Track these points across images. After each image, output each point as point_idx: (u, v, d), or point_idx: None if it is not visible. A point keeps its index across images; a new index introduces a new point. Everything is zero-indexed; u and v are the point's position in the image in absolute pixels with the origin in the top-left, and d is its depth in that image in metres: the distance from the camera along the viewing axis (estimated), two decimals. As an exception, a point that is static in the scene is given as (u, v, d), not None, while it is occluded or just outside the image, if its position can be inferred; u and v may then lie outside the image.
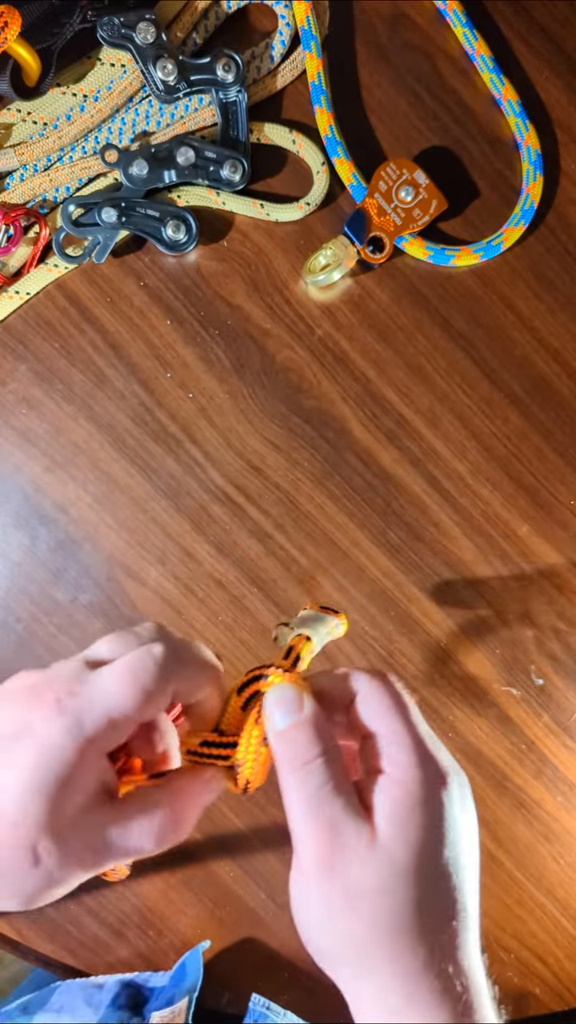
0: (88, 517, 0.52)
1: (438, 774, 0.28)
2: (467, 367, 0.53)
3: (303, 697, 0.29)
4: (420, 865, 0.27)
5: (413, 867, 0.27)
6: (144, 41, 0.49)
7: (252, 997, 0.49)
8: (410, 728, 0.29)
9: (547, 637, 0.53)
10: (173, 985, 0.48)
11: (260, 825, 0.52)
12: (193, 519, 0.52)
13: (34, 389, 0.52)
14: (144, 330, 0.52)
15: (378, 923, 0.26)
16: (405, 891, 0.26)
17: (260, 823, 0.52)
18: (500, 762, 0.53)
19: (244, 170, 0.51)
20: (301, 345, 0.53)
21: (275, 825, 0.52)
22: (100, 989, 0.49)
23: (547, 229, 0.54)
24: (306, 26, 0.52)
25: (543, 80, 0.54)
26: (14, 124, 0.51)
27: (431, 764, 0.29)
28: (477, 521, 0.53)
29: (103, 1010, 0.47)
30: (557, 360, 0.53)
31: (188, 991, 0.46)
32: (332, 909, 0.27)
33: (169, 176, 0.51)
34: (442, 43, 0.54)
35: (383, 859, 0.27)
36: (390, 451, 0.53)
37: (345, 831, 0.27)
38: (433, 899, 0.27)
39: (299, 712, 0.29)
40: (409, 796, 0.28)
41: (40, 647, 0.52)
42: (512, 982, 0.53)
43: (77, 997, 0.48)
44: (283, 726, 0.29)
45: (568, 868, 0.53)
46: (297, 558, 0.52)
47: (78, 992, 0.49)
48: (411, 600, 0.53)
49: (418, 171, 0.51)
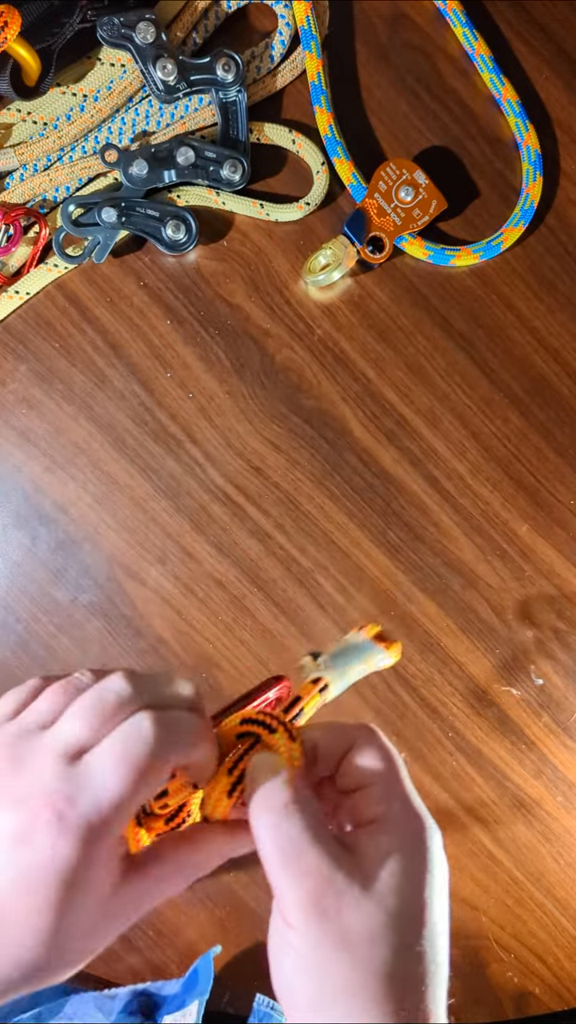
0: (88, 517, 0.52)
1: (424, 828, 0.29)
2: (467, 367, 0.53)
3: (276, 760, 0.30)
4: (409, 914, 0.27)
5: (403, 915, 0.27)
6: (144, 41, 0.49)
7: (256, 997, 0.49)
8: (402, 784, 0.30)
9: (547, 637, 0.53)
10: (185, 991, 0.48)
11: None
12: (193, 519, 0.52)
13: (34, 389, 0.52)
14: (144, 330, 0.52)
15: (368, 970, 0.26)
16: (395, 938, 0.27)
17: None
18: (500, 762, 0.53)
19: (244, 170, 0.51)
20: (301, 345, 0.53)
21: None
22: (112, 999, 0.49)
23: (547, 229, 0.54)
24: (306, 26, 0.52)
25: (543, 80, 0.54)
26: (14, 124, 0.51)
27: (419, 818, 0.29)
28: (477, 521, 0.53)
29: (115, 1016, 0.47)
30: (557, 360, 0.53)
31: (199, 995, 0.46)
32: (321, 953, 0.27)
33: (169, 176, 0.51)
34: (442, 43, 0.54)
35: (376, 905, 0.27)
36: (390, 451, 0.53)
37: (334, 876, 0.27)
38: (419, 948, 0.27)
39: (274, 772, 0.29)
40: (400, 847, 0.28)
41: (40, 647, 0.52)
42: (512, 982, 0.53)
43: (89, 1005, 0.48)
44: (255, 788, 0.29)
45: (568, 868, 0.53)
46: (297, 558, 0.52)
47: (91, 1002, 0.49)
48: (411, 600, 0.53)
49: (418, 171, 0.51)
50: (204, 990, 0.46)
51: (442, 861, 0.29)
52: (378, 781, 0.30)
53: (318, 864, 0.27)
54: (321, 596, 0.52)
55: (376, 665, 0.35)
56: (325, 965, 0.27)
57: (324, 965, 0.27)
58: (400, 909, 0.27)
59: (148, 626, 0.52)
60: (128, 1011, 0.47)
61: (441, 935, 0.28)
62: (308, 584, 0.52)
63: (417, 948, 0.27)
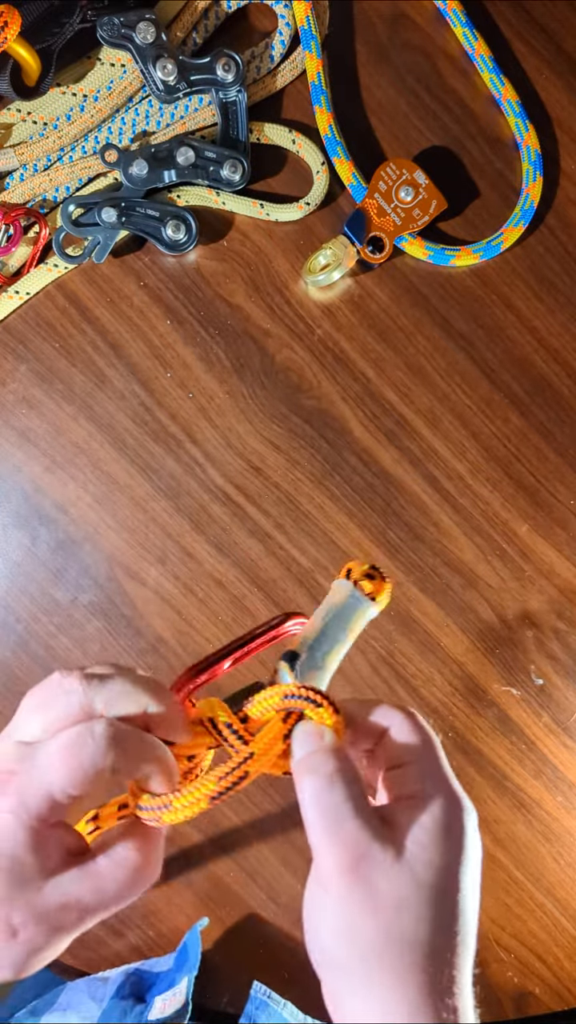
0: (88, 517, 0.52)
1: (462, 807, 0.30)
2: (467, 367, 0.53)
3: (324, 732, 0.31)
4: (440, 887, 0.28)
5: (434, 888, 0.28)
6: (144, 41, 0.49)
7: (253, 985, 0.49)
8: (440, 764, 0.31)
9: (547, 637, 0.53)
10: (176, 968, 0.48)
11: (260, 825, 0.52)
12: (193, 519, 0.52)
13: (34, 389, 0.52)
14: (144, 330, 0.52)
15: (393, 935, 0.27)
16: (423, 909, 0.28)
17: (261, 823, 0.52)
18: (500, 762, 0.53)
19: (244, 170, 0.51)
20: (301, 345, 0.53)
21: (275, 826, 0.52)
22: (105, 983, 0.49)
23: (547, 229, 0.54)
24: (306, 26, 0.52)
25: (543, 80, 0.54)
26: (14, 124, 0.51)
27: (456, 798, 0.30)
28: (477, 521, 0.53)
29: (107, 1001, 0.47)
30: (557, 360, 0.53)
31: (188, 971, 0.46)
32: (352, 916, 0.28)
33: (169, 176, 0.51)
34: (442, 43, 0.54)
35: (407, 875, 0.28)
36: (390, 451, 0.53)
37: (371, 845, 0.28)
38: (446, 921, 0.28)
39: (320, 742, 0.31)
40: (436, 823, 0.29)
41: (40, 647, 0.52)
42: (512, 982, 0.53)
43: (82, 993, 0.49)
44: (302, 754, 0.30)
45: (568, 868, 0.53)
46: (297, 558, 0.52)
47: (83, 988, 0.49)
48: (411, 600, 0.53)
49: (418, 171, 0.51)
50: (193, 966, 0.47)
51: (476, 842, 0.30)
52: (417, 759, 0.31)
53: (356, 833, 0.28)
54: (321, 596, 0.52)
55: (365, 622, 0.35)
56: (356, 928, 0.28)
57: (355, 928, 0.28)
58: (431, 882, 0.28)
59: (148, 626, 0.52)
60: (120, 995, 0.48)
61: (471, 912, 0.29)
62: (308, 584, 0.52)
63: (445, 921, 0.28)
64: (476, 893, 0.30)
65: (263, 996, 0.49)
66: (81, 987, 0.49)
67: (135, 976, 0.49)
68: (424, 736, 0.32)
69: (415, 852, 0.29)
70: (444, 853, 0.29)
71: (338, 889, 0.28)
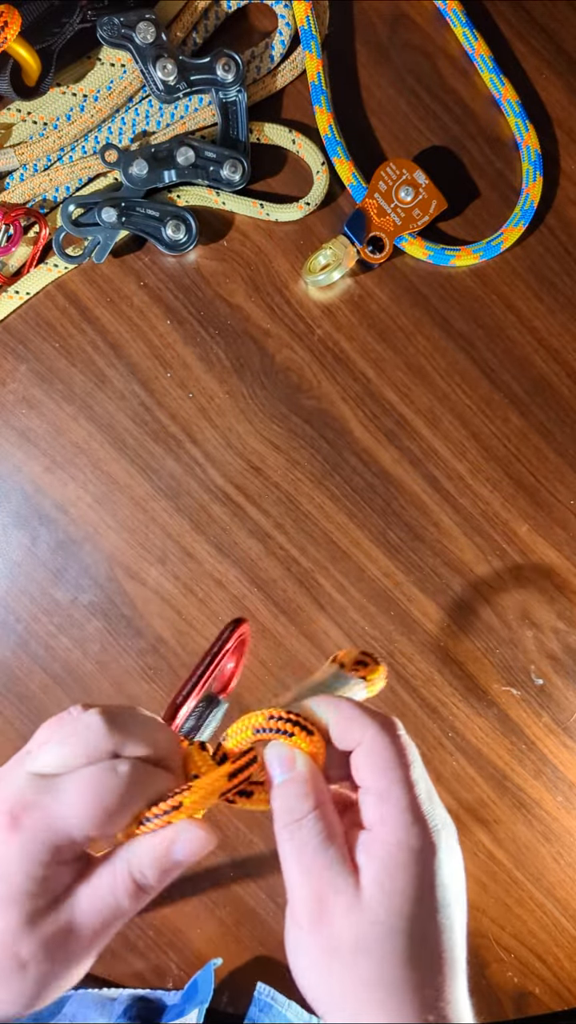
0: (88, 517, 0.52)
1: (426, 838, 0.28)
2: (467, 367, 0.53)
3: (296, 756, 0.30)
4: (402, 927, 0.27)
5: (396, 928, 0.27)
6: (144, 41, 0.49)
7: (257, 986, 0.49)
8: (405, 789, 0.29)
9: (547, 637, 0.53)
10: (184, 1001, 0.48)
11: (260, 825, 0.52)
12: (193, 519, 0.52)
13: (34, 389, 0.52)
14: (144, 330, 0.52)
15: (361, 978, 0.27)
16: (386, 950, 0.27)
17: (260, 823, 0.52)
18: (500, 762, 0.53)
19: (244, 170, 0.51)
20: (301, 345, 0.53)
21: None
22: (113, 1002, 0.49)
23: (547, 229, 0.54)
24: (306, 26, 0.52)
25: (543, 80, 0.54)
26: (14, 124, 0.51)
27: (420, 828, 0.28)
28: (477, 521, 0.53)
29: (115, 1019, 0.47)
30: (557, 360, 0.53)
31: (199, 1003, 0.46)
32: (320, 959, 0.27)
33: (169, 176, 0.51)
34: (442, 43, 0.54)
35: (365, 917, 0.27)
36: (390, 451, 0.53)
37: (332, 885, 0.27)
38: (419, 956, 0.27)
39: (292, 770, 0.29)
40: (393, 859, 0.28)
41: (40, 647, 0.52)
42: (512, 982, 0.53)
43: (89, 1007, 0.48)
44: (279, 781, 0.29)
45: (568, 868, 0.53)
46: (297, 558, 0.52)
47: (91, 1003, 0.49)
48: (411, 600, 0.53)
49: (418, 171, 0.51)
50: (205, 999, 0.46)
51: (452, 862, 0.29)
52: (373, 786, 0.29)
53: (320, 872, 0.28)
54: (321, 596, 0.52)
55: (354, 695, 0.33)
56: (328, 966, 0.27)
57: (328, 966, 0.27)
58: (391, 923, 0.27)
59: (148, 626, 0.52)
60: (128, 1016, 0.47)
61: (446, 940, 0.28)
62: (308, 584, 0.52)
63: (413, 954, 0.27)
64: (453, 918, 0.28)
65: (267, 998, 0.49)
66: (88, 1000, 0.49)
67: (143, 1001, 0.49)
68: (393, 756, 0.29)
69: (373, 892, 0.27)
70: (406, 890, 0.27)
71: (308, 927, 0.28)
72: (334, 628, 0.52)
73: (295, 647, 0.52)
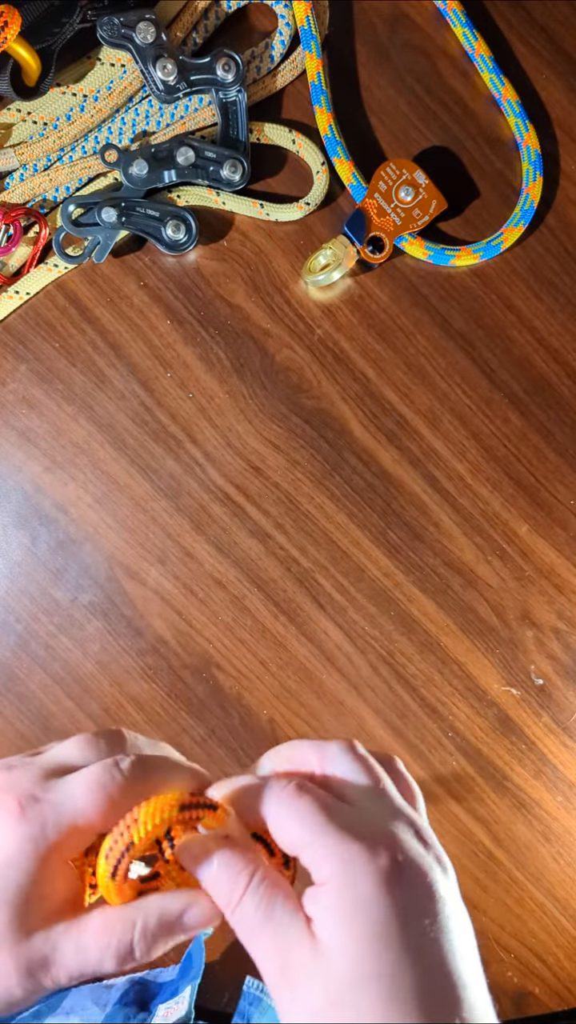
0: (88, 517, 0.52)
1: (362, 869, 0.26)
2: (467, 367, 0.53)
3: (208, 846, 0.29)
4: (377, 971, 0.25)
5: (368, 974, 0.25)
6: (144, 41, 0.49)
7: (246, 980, 0.48)
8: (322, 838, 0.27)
9: (547, 637, 0.53)
10: (180, 976, 0.48)
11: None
12: (193, 519, 0.52)
13: (34, 389, 0.52)
14: (144, 330, 0.52)
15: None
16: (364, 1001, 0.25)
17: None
18: (500, 762, 0.53)
19: (244, 170, 0.51)
20: (301, 345, 0.53)
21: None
22: (109, 989, 0.49)
23: (547, 229, 0.54)
24: (306, 26, 0.52)
25: (543, 80, 0.54)
26: (14, 124, 0.51)
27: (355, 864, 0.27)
28: (477, 521, 0.53)
29: (110, 1007, 0.47)
30: (557, 360, 0.54)
31: (192, 980, 0.46)
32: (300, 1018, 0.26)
33: (169, 176, 0.51)
34: (442, 43, 0.54)
35: (330, 972, 0.26)
36: (390, 451, 0.53)
37: (290, 948, 0.26)
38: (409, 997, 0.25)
39: (211, 863, 0.28)
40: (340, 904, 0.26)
41: (40, 647, 0.52)
42: (512, 982, 0.53)
43: (86, 998, 0.48)
44: (203, 878, 0.29)
45: (568, 868, 0.53)
46: (297, 558, 0.52)
47: (87, 994, 0.49)
48: (411, 600, 0.53)
49: (418, 171, 0.51)
50: (196, 975, 0.46)
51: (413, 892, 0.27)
52: (296, 843, 0.28)
53: (272, 944, 0.27)
54: (321, 596, 0.52)
55: None
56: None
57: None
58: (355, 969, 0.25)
59: (148, 626, 0.52)
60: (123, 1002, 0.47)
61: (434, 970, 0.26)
62: (308, 584, 0.52)
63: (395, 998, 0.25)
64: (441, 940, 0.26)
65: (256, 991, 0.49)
66: (85, 992, 0.49)
67: (139, 984, 0.49)
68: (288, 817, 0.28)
69: (328, 943, 0.26)
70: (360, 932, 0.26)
71: (279, 993, 0.27)
72: (334, 628, 0.52)
73: (295, 647, 0.52)
